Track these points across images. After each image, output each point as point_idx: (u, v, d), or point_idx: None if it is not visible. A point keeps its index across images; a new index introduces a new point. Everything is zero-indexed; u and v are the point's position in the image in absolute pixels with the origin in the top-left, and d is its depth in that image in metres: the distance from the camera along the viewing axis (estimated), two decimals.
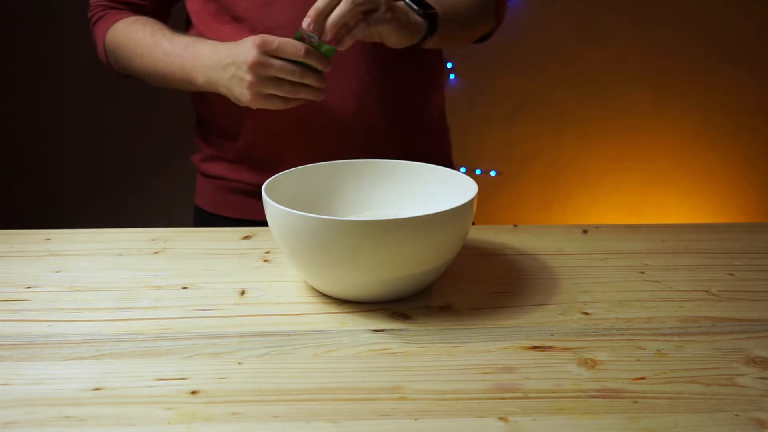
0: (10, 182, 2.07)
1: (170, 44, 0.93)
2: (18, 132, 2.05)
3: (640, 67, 2.12)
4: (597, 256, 0.77)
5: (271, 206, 0.63)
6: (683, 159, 2.19)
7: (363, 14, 0.79)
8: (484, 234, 0.83)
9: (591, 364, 0.56)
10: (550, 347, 0.58)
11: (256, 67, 0.81)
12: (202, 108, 1.05)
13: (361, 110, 0.95)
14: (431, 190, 0.76)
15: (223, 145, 1.02)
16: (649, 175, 2.20)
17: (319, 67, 0.82)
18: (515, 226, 0.86)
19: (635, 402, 0.51)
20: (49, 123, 2.04)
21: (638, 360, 0.57)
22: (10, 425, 0.48)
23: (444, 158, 1.09)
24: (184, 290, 0.69)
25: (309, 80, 0.82)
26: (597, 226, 0.86)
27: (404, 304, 0.66)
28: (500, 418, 0.49)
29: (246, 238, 0.82)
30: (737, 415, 0.50)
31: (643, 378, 0.54)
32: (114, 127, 2.04)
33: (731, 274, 0.73)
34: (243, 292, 0.68)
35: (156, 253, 0.77)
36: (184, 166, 2.07)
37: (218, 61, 0.86)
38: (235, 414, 0.49)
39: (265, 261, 0.76)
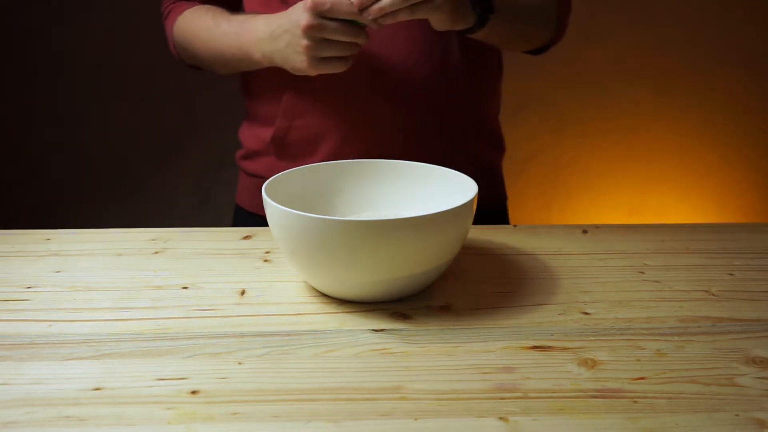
0: (10, 182, 2.07)
1: (228, 24, 0.92)
2: (18, 132, 2.05)
3: (640, 67, 2.12)
4: (597, 256, 0.77)
5: (271, 206, 0.63)
6: (683, 159, 2.19)
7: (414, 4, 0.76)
8: (484, 234, 0.83)
9: (591, 364, 0.56)
10: (550, 347, 0.58)
11: (310, 30, 0.78)
12: (247, 96, 1.04)
13: (406, 109, 0.93)
14: (431, 190, 0.76)
15: (261, 135, 0.99)
16: (649, 175, 2.19)
17: (373, 26, 0.77)
18: (515, 226, 0.86)
19: (635, 402, 0.51)
20: (49, 123, 2.04)
21: (638, 360, 0.57)
22: (10, 425, 0.48)
23: (489, 166, 1.04)
24: (184, 290, 0.69)
25: (361, 39, 0.79)
26: (597, 226, 0.86)
27: (404, 304, 0.66)
28: (500, 418, 0.49)
29: (246, 238, 0.82)
30: (737, 415, 0.50)
31: (643, 378, 0.54)
32: (114, 127, 2.04)
33: (731, 274, 0.73)
34: (243, 292, 0.68)
35: (156, 253, 0.77)
36: (184, 166, 2.08)
37: (271, 32, 0.84)
38: (235, 414, 0.50)
39: (265, 261, 0.76)
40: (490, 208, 1.04)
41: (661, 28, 2.09)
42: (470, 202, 0.64)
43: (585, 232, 0.85)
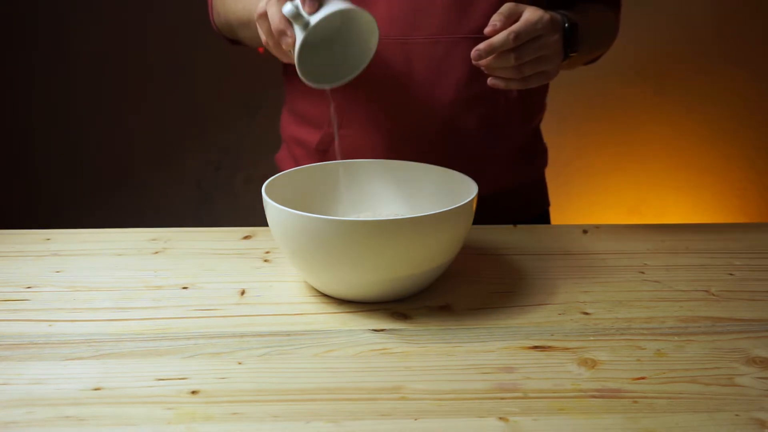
0: (10, 182, 2.07)
1: None
2: (18, 132, 2.05)
3: (640, 67, 2.12)
4: (597, 256, 0.77)
5: (271, 206, 0.63)
6: (683, 159, 2.19)
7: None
8: (484, 234, 0.83)
9: (591, 364, 0.56)
10: (550, 347, 0.58)
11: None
12: (291, 91, 0.96)
13: (453, 122, 0.86)
14: (431, 190, 0.76)
15: (305, 139, 0.93)
16: (649, 175, 2.19)
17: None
18: (515, 226, 0.86)
19: (635, 402, 0.51)
20: (49, 123, 2.04)
21: (638, 360, 0.57)
22: (10, 425, 0.48)
23: (535, 184, 1.01)
24: (184, 290, 0.69)
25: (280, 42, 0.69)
26: (597, 226, 0.86)
27: (404, 304, 0.66)
28: (500, 418, 0.49)
29: (246, 238, 0.82)
30: (737, 415, 0.50)
31: (643, 378, 0.54)
32: (114, 126, 2.04)
33: (731, 274, 0.73)
34: (243, 292, 0.68)
35: (156, 253, 0.77)
36: (184, 166, 2.08)
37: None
38: (235, 414, 0.50)
39: (265, 261, 0.76)
40: (537, 213, 1.02)
41: (661, 28, 2.09)
42: (470, 202, 0.64)
43: (585, 232, 0.85)
